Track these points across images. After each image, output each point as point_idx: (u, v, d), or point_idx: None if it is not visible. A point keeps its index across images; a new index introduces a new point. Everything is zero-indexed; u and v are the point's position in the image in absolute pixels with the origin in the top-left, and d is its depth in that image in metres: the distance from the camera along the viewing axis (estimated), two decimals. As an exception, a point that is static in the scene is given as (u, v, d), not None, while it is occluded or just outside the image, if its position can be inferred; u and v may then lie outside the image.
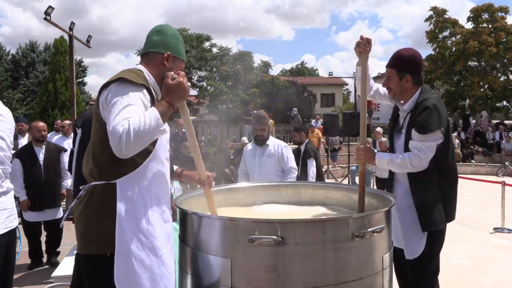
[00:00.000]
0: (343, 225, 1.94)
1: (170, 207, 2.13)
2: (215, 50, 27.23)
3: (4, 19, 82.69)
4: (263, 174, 4.28)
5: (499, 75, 24.69)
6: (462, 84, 25.38)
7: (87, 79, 35.70)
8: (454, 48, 24.63)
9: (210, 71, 26.96)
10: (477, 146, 17.70)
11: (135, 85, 1.86)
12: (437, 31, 25.12)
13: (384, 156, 2.68)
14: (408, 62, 2.68)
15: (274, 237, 1.83)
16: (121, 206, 1.85)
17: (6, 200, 2.64)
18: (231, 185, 3.14)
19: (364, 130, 2.73)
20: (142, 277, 1.86)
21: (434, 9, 25.33)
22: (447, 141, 2.60)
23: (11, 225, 2.65)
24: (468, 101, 25.87)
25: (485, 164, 16.47)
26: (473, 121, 20.14)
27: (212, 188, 2.48)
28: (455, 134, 17.86)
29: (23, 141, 7.18)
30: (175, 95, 1.87)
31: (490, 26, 24.10)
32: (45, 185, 5.07)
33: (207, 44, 27.21)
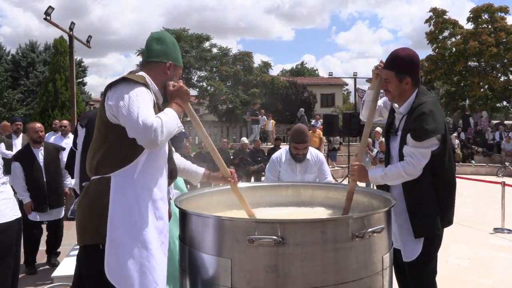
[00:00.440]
0: (343, 225, 1.95)
1: (167, 206, 2.14)
2: (215, 50, 27.25)
3: (4, 19, 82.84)
4: None
5: (499, 75, 24.71)
6: (462, 84, 25.40)
7: (87, 79, 35.67)
8: (454, 49, 24.64)
9: (210, 71, 26.97)
10: (477, 147, 17.71)
11: (142, 85, 1.99)
12: (437, 32, 25.13)
13: (377, 172, 2.64)
14: (407, 63, 2.59)
15: (274, 237, 1.83)
16: (114, 198, 1.92)
17: (9, 189, 2.67)
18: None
19: (363, 148, 2.78)
20: (131, 269, 1.88)
21: (434, 10, 25.35)
22: (444, 146, 2.52)
23: (18, 214, 2.68)
24: (468, 101, 25.88)
25: (485, 165, 16.47)
26: (472, 121, 20.14)
27: (213, 189, 2.54)
28: (455, 135, 17.87)
29: (17, 141, 7.12)
30: (179, 98, 2.09)
31: (490, 26, 24.12)
32: (48, 186, 5.03)
33: (207, 44, 27.23)
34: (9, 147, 6.86)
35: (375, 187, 3.22)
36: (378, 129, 12.55)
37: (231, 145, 16.19)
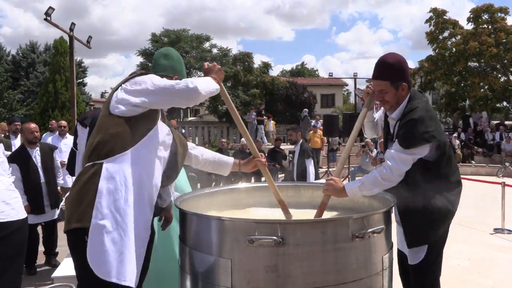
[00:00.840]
0: (343, 225, 1.95)
1: (152, 205, 2.13)
2: (215, 50, 27.32)
3: (5, 20, 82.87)
4: None
5: (499, 75, 24.68)
6: (462, 84, 25.37)
7: (87, 79, 35.70)
8: (454, 49, 24.62)
9: (210, 71, 26.92)
10: (477, 147, 17.71)
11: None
12: (437, 32, 25.12)
13: (354, 184, 2.48)
14: (399, 69, 2.50)
15: (274, 237, 1.84)
16: (102, 184, 1.94)
17: (15, 189, 2.67)
18: (231, 185, 3.15)
19: (342, 165, 2.69)
20: (110, 255, 1.88)
21: (434, 10, 25.33)
22: (441, 153, 2.41)
23: (25, 213, 2.69)
24: (468, 101, 25.87)
25: (485, 165, 16.47)
26: (473, 121, 20.13)
27: (213, 189, 2.56)
28: (455, 135, 17.87)
29: (16, 142, 7.10)
30: (214, 72, 2.34)
31: (490, 26, 24.10)
32: (47, 186, 5.03)
33: (207, 44, 27.29)
34: (7, 147, 6.86)
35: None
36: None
37: (231, 145, 16.18)
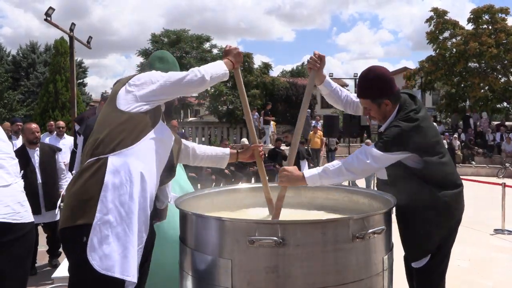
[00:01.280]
0: (343, 226, 1.95)
1: (152, 202, 2.12)
2: (215, 51, 27.22)
3: (5, 20, 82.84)
4: None
5: (500, 76, 24.68)
6: (463, 85, 25.37)
7: (87, 80, 35.71)
8: (454, 49, 24.63)
9: (211, 72, 26.91)
10: (477, 148, 17.71)
11: None
12: (437, 32, 25.12)
13: (314, 171, 2.36)
14: (379, 86, 2.41)
15: (275, 238, 1.83)
16: (108, 177, 1.91)
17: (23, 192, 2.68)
18: (231, 186, 3.15)
19: (294, 150, 2.53)
20: (114, 250, 1.86)
21: (435, 10, 25.34)
22: (429, 161, 2.33)
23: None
24: (468, 102, 25.87)
25: (486, 166, 16.48)
26: (473, 122, 20.14)
27: (214, 189, 2.52)
28: (455, 136, 17.87)
29: (18, 142, 7.10)
30: (232, 55, 2.38)
31: (490, 27, 24.11)
32: (44, 187, 4.99)
33: (207, 45, 27.21)
34: None
35: (375, 188, 3.20)
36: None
37: (231, 146, 16.19)
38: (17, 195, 2.49)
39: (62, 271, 3.55)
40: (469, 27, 24.83)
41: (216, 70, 2.22)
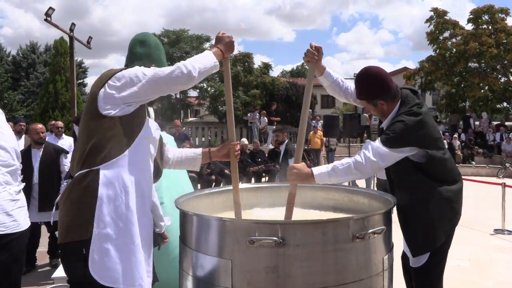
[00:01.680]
0: (343, 226, 1.95)
1: (150, 203, 2.11)
2: (215, 51, 27.21)
3: (5, 20, 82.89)
4: None
5: (500, 76, 24.68)
6: (463, 85, 25.37)
7: (87, 80, 35.64)
8: (454, 49, 24.63)
9: (211, 72, 26.90)
10: (477, 148, 17.70)
11: None
12: (437, 32, 25.13)
13: (323, 169, 2.34)
14: (372, 87, 2.44)
15: (275, 238, 1.83)
16: (102, 191, 1.86)
17: (23, 197, 2.68)
18: (231, 186, 3.14)
19: (300, 149, 2.48)
20: (116, 263, 1.85)
21: (435, 10, 25.34)
22: (431, 156, 2.35)
23: (29, 221, 2.69)
24: (468, 102, 25.87)
25: (486, 166, 16.47)
26: (473, 122, 20.13)
27: (214, 190, 2.50)
28: (455, 136, 17.87)
29: (20, 142, 7.06)
30: (223, 43, 2.19)
31: (490, 27, 24.11)
32: (41, 188, 4.93)
33: (207, 45, 27.22)
34: None
35: (375, 188, 3.20)
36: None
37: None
38: (4, 204, 2.45)
39: (62, 271, 3.54)
40: (469, 27, 24.85)
41: (205, 63, 2.04)
